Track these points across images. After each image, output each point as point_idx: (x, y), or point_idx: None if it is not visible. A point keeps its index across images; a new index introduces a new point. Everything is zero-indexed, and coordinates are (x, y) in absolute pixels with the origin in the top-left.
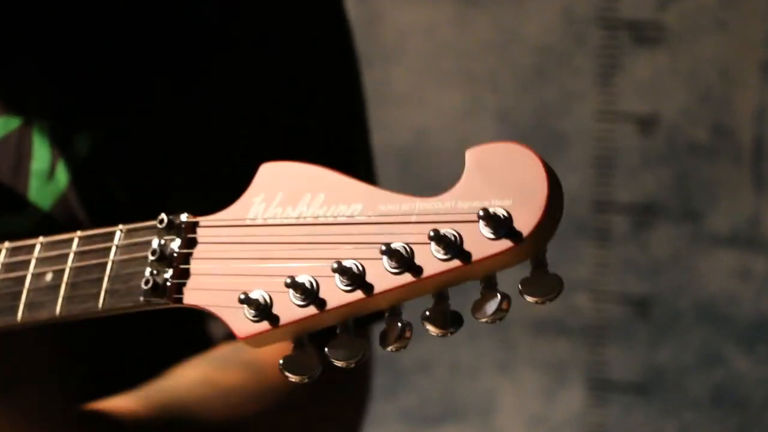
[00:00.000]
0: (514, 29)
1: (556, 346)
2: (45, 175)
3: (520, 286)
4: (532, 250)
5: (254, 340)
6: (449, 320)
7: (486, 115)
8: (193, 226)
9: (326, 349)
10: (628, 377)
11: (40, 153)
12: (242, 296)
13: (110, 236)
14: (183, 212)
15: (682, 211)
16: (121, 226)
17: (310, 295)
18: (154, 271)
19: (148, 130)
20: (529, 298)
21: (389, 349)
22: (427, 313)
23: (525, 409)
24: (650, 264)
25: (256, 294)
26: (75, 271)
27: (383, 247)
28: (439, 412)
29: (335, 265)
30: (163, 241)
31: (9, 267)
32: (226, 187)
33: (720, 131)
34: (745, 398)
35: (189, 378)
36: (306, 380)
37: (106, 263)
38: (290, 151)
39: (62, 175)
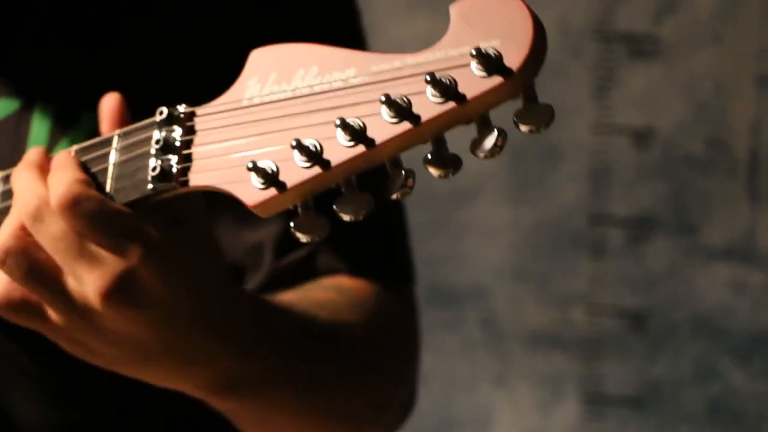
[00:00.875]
0: None
1: (551, 359)
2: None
3: (514, 118)
4: (522, 83)
5: (264, 206)
6: (449, 161)
7: None
8: (191, 116)
9: (334, 206)
10: (623, 391)
11: (38, 136)
12: (250, 165)
13: (108, 142)
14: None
15: (677, 224)
16: (117, 131)
17: (314, 155)
18: (160, 160)
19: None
20: (523, 128)
21: (393, 197)
22: (429, 156)
23: (521, 423)
24: (646, 277)
25: (262, 163)
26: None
27: (382, 98)
28: (435, 425)
29: (337, 122)
30: (164, 133)
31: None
32: None
33: (715, 144)
34: (741, 412)
35: (288, 296)
36: (316, 239)
37: (107, 168)
38: None
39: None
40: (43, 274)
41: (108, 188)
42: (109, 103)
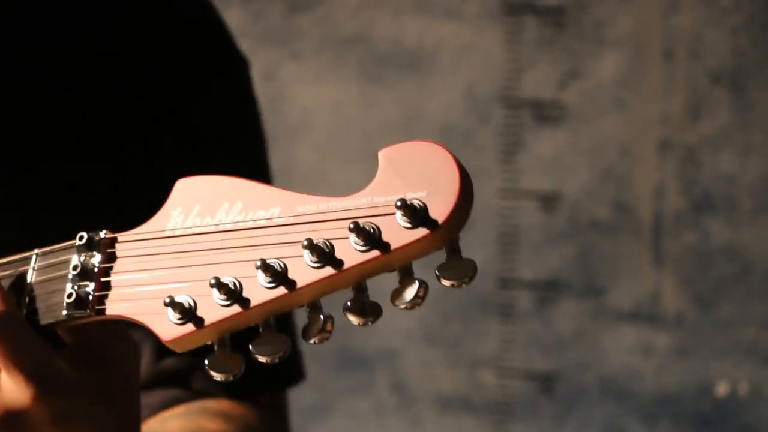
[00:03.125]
0: (418, 108)
1: (462, 423)
2: None
3: (437, 272)
4: (447, 237)
5: (179, 342)
6: (369, 310)
7: None
8: (112, 242)
9: (251, 346)
10: None
11: None
12: (167, 299)
13: (26, 260)
14: (101, 230)
15: (584, 287)
16: (36, 250)
17: (233, 294)
18: (76, 286)
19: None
20: (446, 282)
21: (312, 341)
22: (348, 304)
23: None
24: (554, 340)
25: (180, 298)
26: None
27: (304, 242)
28: None
29: (258, 263)
30: (83, 258)
31: None
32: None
33: (620, 208)
34: None
35: (178, 427)
36: (230, 379)
37: (23, 287)
38: None
39: None
40: None
41: (21, 308)
42: None
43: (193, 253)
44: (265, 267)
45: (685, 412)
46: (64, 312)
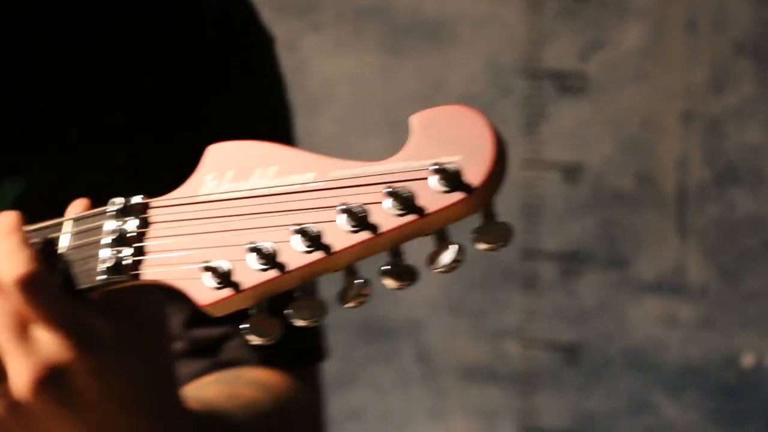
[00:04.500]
0: (439, 79)
1: (486, 393)
2: None
3: (473, 235)
4: (482, 201)
5: (216, 306)
6: (406, 274)
7: None
8: (146, 207)
9: (288, 311)
10: (558, 424)
11: None
12: (203, 264)
13: (60, 225)
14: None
15: (608, 258)
16: (71, 215)
17: (270, 259)
18: (111, 252)
19: (76, 177)
20: (481, 246)
21: (348, 306)
22: (384, 268)
23: None
24: (578, 311)
25: (217, 262)
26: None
27: (340, 207)
28: None
29: (294, 228)
30: (118, 223)
31: None
32: None
33: (644, 179)
34: None
35: (213, 393)
36: (268, 342)
37: (56, 251)
38: None
39: None
40: None
41: (56, 273)
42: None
43: (228, 218)
44: (301, 232)
45: (710, 383)
46: (100, 277)
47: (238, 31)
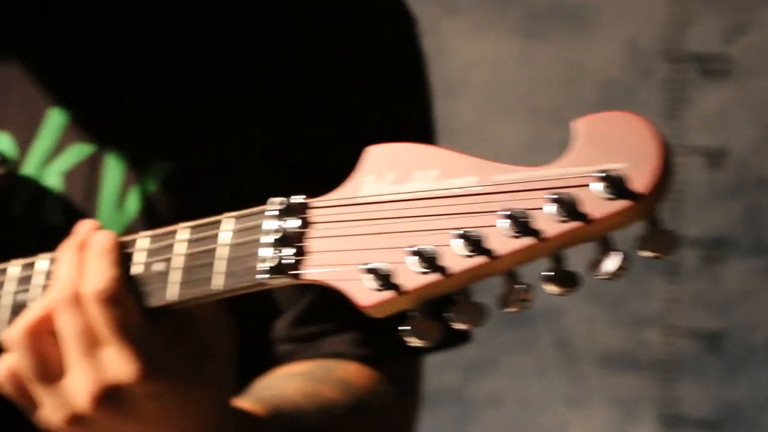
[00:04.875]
0: (579, 63)
1: (626, 381)
2: (114, 204)
3: (637, 243)
4: (648, 209)
5: (378, 308)
6: (568, 280)
7: (549, 149)
8: (306, 207)
9: (448, 314)
10: (701, 413)
11: (111, 181)
12: (365, 266)
13: (218, 224)
14: (292, 195)
15: (752, 245)
16: (231, 213)
17: (432, 262)
18: (273, 251)
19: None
20: (647, 254)
21: (509, 310)
22: (547, 274)
23: None
24: (721, 299)
25: (377, 264)
26: (187, 258)
27: (502, 213)
28: None
29: (456, 233)
30: (279, 223)
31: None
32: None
33: None
34: None
35: (293, 389)
36: (428, 344)
37: (214, 249)
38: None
39: (133, 204)
40: (44, 372)
41: (215, 270)
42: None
43: (388, 220)
44: (464, 236)
45: None
46: (261, 276)
47: (385, 11)
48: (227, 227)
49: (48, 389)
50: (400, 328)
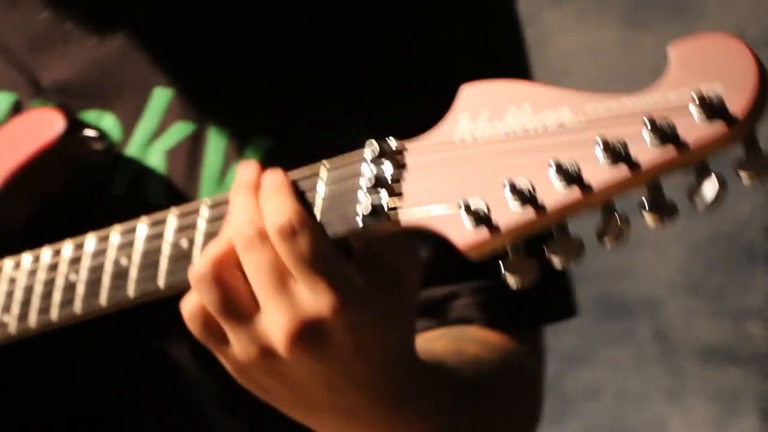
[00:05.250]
0: None
1: (727, 374)
2: (215, 181)
3: (738, 170)
4: (746, 131)
5: (475, 248)
6: (666, 210)
7: None
8: (401, 151)
9: (546, 250)
10: None
11: (213, 159)
12: (461, 206)
13: (316, 172)
14: (388, 137)
15: None
16: (327, 161)
17: (527, 198)
18: (370, 196)
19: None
20: (747, 177)
21: (607, 243)
22: (644, 202)
23: None
24: None
25: (474, 204)
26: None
27: (598, 142)
28: None
29: (552, 166)
30: (374, 167)
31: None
32: None
33: None
34: None
35: (441, 346)
36: (526, 282)
37: (315, 199)
38: None
39: (233, 181)
40: (234, 306)
41: (318, 220)
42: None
43: (484, 158)
44: (559, 169)
45: None
46: (359, 222)
47: None
48: (322, 176)
49: (237, 326)
50: (500, 264)
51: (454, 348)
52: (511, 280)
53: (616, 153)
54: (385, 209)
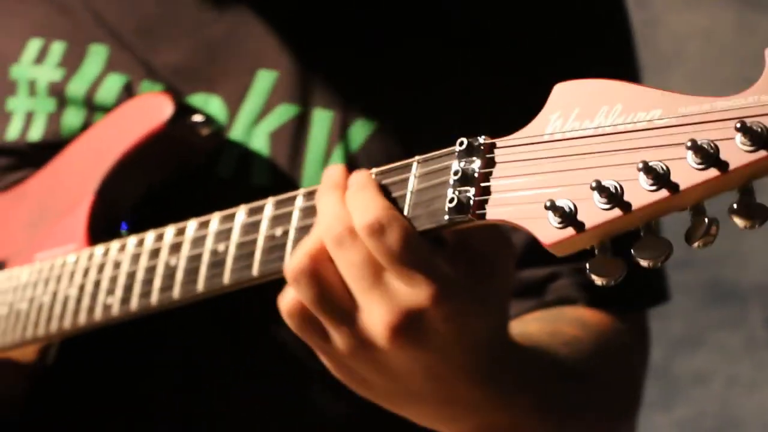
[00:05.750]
0: None
1: None
2: (319, 164)
3: None
4: None
5: (560, 246)
6: (756, 212)
7: None
8: (491, 147)
9: (632, 250)
10: None
11: (317, 141)
12: (548, 203)
13: (407, 167)
14: (479, 135)
15: None
16: (417, 157)
17: (614, 197)
18: (457, 191)
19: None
20: None
21: (695, 245)
22: (735, 206)
23: None
24: None
25: (560, 202)
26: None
27: (688, 143)
28: (716, 425)
29: (640, 166)
30: (463, 163)
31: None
32: None
33: None
34: None
35: (536, 329)
36: (611, 282)
37: (405, 194)
38: None
39: (337, 163)
40: (332, 300)
41: (406, 215)
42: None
43: (572, 156)
44: (647, 169)
45: None
46: (446, 217)
47: None
48: (413, 171)
49: (335, 320)
50: (586, 264)
51: (550, 329)
52: (597, 280)
53: (707, 155)
54: (472, 205)
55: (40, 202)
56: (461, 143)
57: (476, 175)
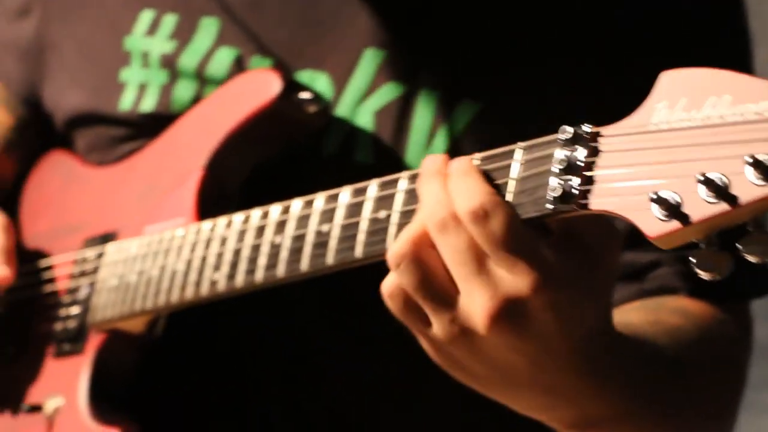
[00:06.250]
0: None
1: None
2: (422, 144)
3: None
4: None
5: (665, 239)
6: None
7: None
8: (596, 136)
9: (739, 245)
10: None
11: (421, 121)
12: (653, 195)
13: (510, 154)
14: (583, 123)
15: None
16: (520, 144)
17: (721, 191)
18: (561, 180)
19: (529, 100)
20: None
21: None
22: None
23: None
24: None
25: (665, 194)
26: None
27: None
28: None
29: (749, 160)
30: (567, 152)
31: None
32: None
33: None
34: None
35: (637, 318)
36: (718, 277)
37: (507, 181)
38: None
39: (440, 145)
40: (433, 286)
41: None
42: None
43: (678, 147)
44: (756, 163)
45: None
46: (549, 206)
47: None
48: (517, 158)
49: (437, 305)
50: (691, 258)
51: (652, 319)
52: (702, 274)
53: None
54: (576, 194)
55: (150, 174)
56: (566, 131)
57: (580, 164)
